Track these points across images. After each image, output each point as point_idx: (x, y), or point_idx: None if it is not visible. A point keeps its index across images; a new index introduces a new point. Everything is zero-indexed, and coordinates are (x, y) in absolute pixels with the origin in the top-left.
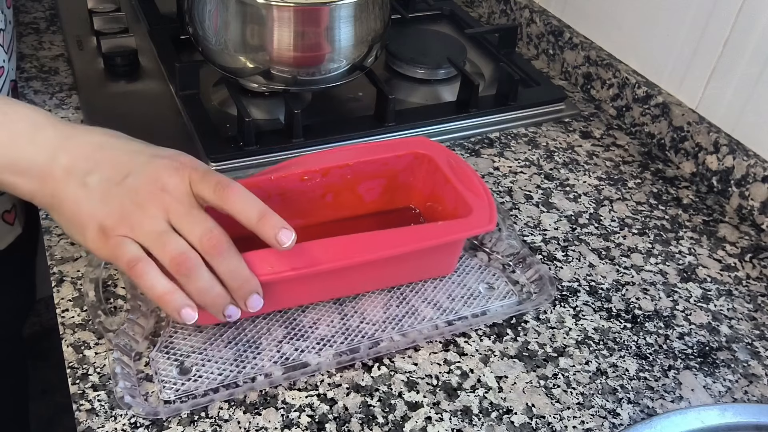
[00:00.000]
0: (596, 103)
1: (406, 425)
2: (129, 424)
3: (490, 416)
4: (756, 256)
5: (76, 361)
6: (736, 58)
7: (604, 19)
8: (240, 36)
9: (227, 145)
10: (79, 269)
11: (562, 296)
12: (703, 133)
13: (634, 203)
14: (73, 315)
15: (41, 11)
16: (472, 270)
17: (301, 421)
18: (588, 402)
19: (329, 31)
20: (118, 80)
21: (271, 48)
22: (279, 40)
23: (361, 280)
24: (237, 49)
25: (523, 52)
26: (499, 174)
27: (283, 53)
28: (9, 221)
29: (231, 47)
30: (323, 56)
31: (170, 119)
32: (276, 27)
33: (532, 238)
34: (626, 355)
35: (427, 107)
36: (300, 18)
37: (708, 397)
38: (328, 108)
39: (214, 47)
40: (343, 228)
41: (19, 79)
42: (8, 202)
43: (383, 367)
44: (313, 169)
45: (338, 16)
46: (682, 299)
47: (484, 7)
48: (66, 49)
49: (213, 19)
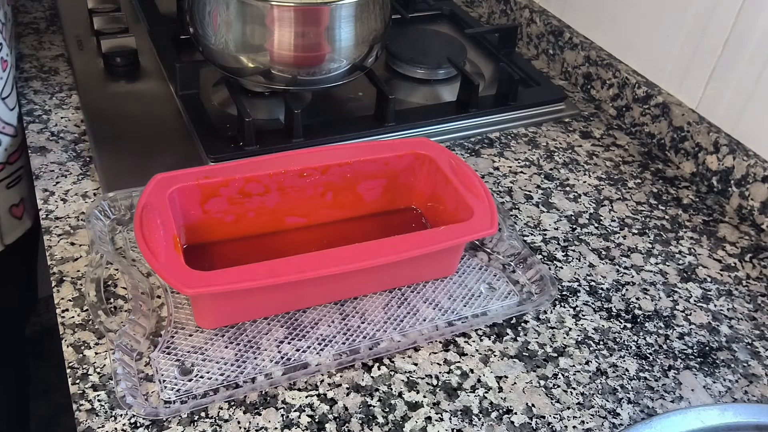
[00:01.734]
0: (596, 103)
1: (406, 425)
2: (129, 424)
3: (490, 416)
4: (756, 256)
5: (76, 361)
6: (736, 58)
7: (604, 19)
8: (240, 36)
9: (227, 145)
10: (79, 269)
11: (562, 296)
12: (703, 133)
13: (634, 203)
14: (73, 315)
15: (41, 11)
16: (473, 270)
17: (301, 421)
18: (588, 402)
19: (330, 31)
20: (118, 80)
21: (271, 48)
22: (279, 40)
23: (364, 283)
24: (237, 49)
25: (523, 52)
26: (499, 174)
27: (284, 53)
28: (17, 215)
29: (231, 47)
30: (324, 56)
31: (170, 119)
32: (276, 27)
33: (532, 238)
34: (626, 355)
35: (427, 107)
36: (300, 18)
37: (708, 397)
38: (328, 108)
39: (215, 47)
40: (344, 229)
41: (19, 79)
42: (17, 196)
43: (383, 367)
44: (313, 166)
45: (339, 16)
46: (682, 299)
47: (484, 7)
48: (66, 49)
49: (213, 18)
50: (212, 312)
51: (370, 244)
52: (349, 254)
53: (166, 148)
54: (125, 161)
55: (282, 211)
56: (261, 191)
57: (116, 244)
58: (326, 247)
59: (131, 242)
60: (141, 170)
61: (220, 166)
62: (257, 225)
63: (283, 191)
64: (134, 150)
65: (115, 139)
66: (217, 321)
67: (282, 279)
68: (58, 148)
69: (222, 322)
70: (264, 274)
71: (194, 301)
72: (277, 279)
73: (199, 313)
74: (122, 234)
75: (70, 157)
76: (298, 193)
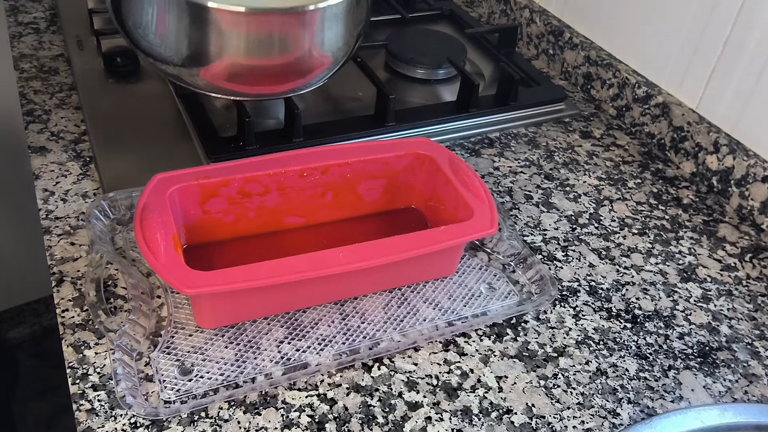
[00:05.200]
0: (596, 103)
1: (406, 425)
2: (129, 424)
3: (490, 416)
4: (756, 256)
5: (76, 361)
6: (736, 58)
7: (604, 19)
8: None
9: (227, 145)
10: (79, 269)
11: (562, 296)
12: (703, 133)
13: (634, 203)
14: (73, 315)
15: (41, 11)
16: (473, 270)
17: (301, 421)
18: (588, 402)
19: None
20: (118, 80)
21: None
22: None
23: (364, 283)
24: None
25: (523, 52)
26: (499, 174)
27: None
28: None
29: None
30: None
31: (170, 119)
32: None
33: (532, 238)
34: (626, 355)
35: (427, 107)
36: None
37: (708, 397)
38: (328, 108)
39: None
40: (343, 229)
41: (19, 79)
42: None
43: (383, 367)
44: (313, 166)
45: (323, 27)
46: (682, 299)
47: (484, 7)
48: (66, 49)
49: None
50: (212, 312)
51: (370, 244)
52: (349, 254)
53: (166, 148)
54: (125, 161)
55: (282, 211)
56: (261, 191)
57: (116, 244)
58: (326, 247)
59: (131, 242)
60: (141, 170)
61: (220, 166)
62: (257, 225)
63: (283, 191)
64: (134, 150)
65: (115, 139)
66: (217, 321)
67: (282, 279)
68: (58, 148)
69: (222, 322)
70: (264, 274)
71: (194, 301)
72: (277, 279)
73: (199, 313)
74: (122, 234)
75: (70, 157)
76: (298, 193)
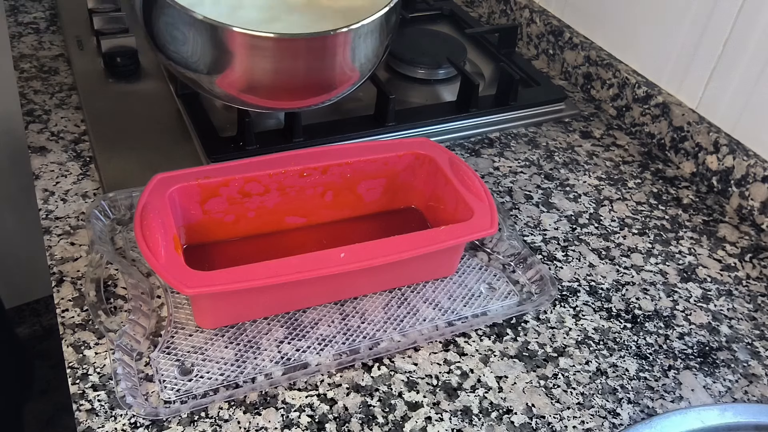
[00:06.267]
0: (596, 103)
1: (406, 425)
2: (129, 424)
3: (490, 416)
4: (756, 256)
5: (76, 361)
6: (736, 58)
7: (604, 19)
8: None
9: (227, 145)
10: (79, 269)
11: (562, 296)
12: (703, 133)
13: (634, 203)
14: (73, 315)
15: (41, 11)
16: (473, 270)
17: (301, 421)
18: (588, 402)
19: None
20: (118, 80)
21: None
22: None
23: (364, 283)
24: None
25: (523, 52)
26: (499, 174)
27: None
28: None
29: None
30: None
31: (170, 119)
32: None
33: (532, 238)
34: (626, 355)
35: (427, 107)
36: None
37: (708, 397)
38: (328, 108)
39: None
40: (344, 229)
41: (19, 79)
42: None
43: (383, 367)
44: (313, 166)
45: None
46: (682, 299)
47: (484, 7)
48: (66, 49)
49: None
50: (212, 312)
51: (370, 244)
52: (349, 254)
53: (166, 148)
54: (125, 161)
55: (282, 211)
56: (261, 191)
57: (116, 244)
58: (326, 247)
59: (131, 242)
60: (141, 170)
61: (220, 166)
62: (257, 225)
63: (283, 191)
64: (134, 150)
65: (115, 139)
66: (217, 321)
67: (282, 279)
68: (58, 148)
69: (222, 322)
70: (264, 274)
71: (194, 301)
72: (277, 279)
73: (199, 313)
74: (122, 234)
75: (70, 157)
76: (298, 193)
